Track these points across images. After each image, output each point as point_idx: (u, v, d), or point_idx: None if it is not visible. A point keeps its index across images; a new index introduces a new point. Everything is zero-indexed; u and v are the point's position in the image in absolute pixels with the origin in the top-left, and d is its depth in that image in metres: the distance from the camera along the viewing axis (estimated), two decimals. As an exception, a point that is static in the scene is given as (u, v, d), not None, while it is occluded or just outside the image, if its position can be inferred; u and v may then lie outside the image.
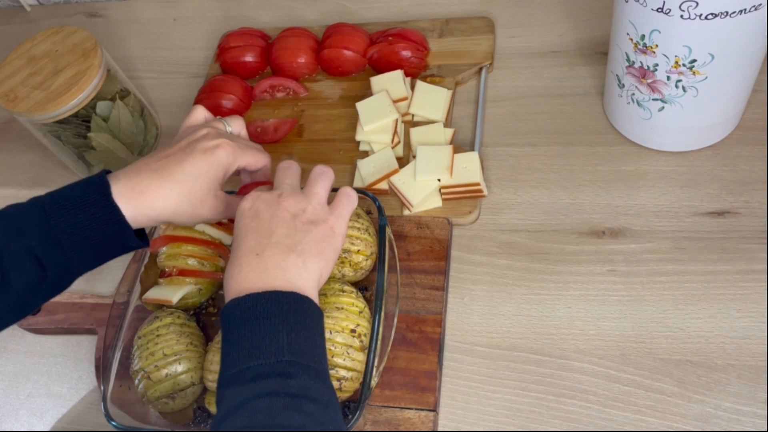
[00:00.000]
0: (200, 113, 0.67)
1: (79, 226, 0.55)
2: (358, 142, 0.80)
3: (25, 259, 0.54)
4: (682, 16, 0.58)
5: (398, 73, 0.82)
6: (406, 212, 0.74)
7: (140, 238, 0.59)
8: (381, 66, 0.85)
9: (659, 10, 0.58)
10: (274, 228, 0.54)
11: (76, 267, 0.57)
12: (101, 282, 0.80)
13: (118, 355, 0.66)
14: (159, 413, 0.65)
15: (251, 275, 0.52)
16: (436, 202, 0.74)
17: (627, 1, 0.61)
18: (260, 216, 0.55)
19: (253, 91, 0.89)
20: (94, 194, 0.56)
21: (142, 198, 0.57)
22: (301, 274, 0.53)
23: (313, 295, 0.53)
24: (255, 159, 0.64)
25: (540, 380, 0.63)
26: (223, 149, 0.60)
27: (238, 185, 0.68)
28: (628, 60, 0.66)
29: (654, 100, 0.67)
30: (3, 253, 0.54)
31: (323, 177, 0.59)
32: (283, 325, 0.50)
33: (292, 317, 0.50)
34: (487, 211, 0.74)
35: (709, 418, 0.59)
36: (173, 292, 0.68)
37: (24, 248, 0.54)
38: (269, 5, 1.00)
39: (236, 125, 0.67)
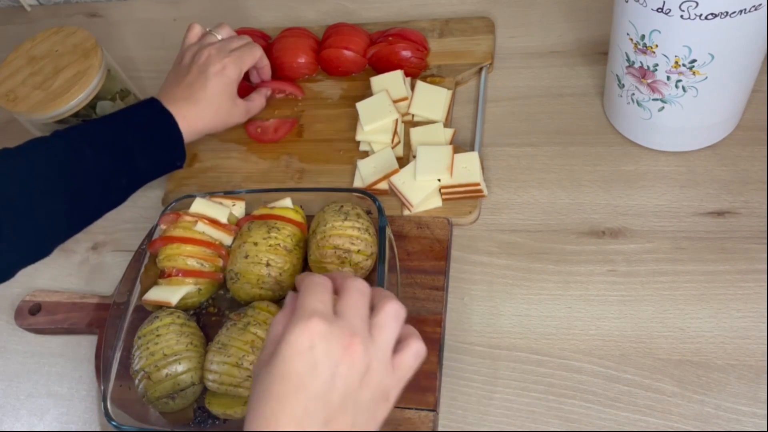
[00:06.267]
0: (197, 30, 0.81)
1: (151, 144, 0.73)
2: (358, 142, 0.80)
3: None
4: (682, 16, 0.58)
5: (398, 73, 0.82)
6: (406, 212, 0.74)
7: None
8: (381, 66, 0.85)
9: (659, 10, 0.58)
10: (333, 396, 0.44)
11: (140, 178, 0.74)
12: (101, 282, 0.80)
13: (118, 355, 0.66)
14: (159, 413, 0.65)
15: None
16: (436, 202, 0.74)
17: (627, 1, 0.61)
18: (318, 368, 0.44)
19: (253, 91, 0.89)
20: (164, 120, 0.72)
21: (186, 121, 0.73)
22: None
23: None
24: (252, 59, 0.79)
25: (540, 380, 0.63)
26: (230, 68, 0.76)
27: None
28: (628, 60, 0.66)
29: (654, 100, 0.67)
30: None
31: (395, 320, 0.48)
32: None
33: None
34: (487, 211, 0.74)
35: (709, 418, 0.59)
36: (173, 293, 0.68)
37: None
38: (269, 5, 1.00)
39: (224, 32, 0.81)
